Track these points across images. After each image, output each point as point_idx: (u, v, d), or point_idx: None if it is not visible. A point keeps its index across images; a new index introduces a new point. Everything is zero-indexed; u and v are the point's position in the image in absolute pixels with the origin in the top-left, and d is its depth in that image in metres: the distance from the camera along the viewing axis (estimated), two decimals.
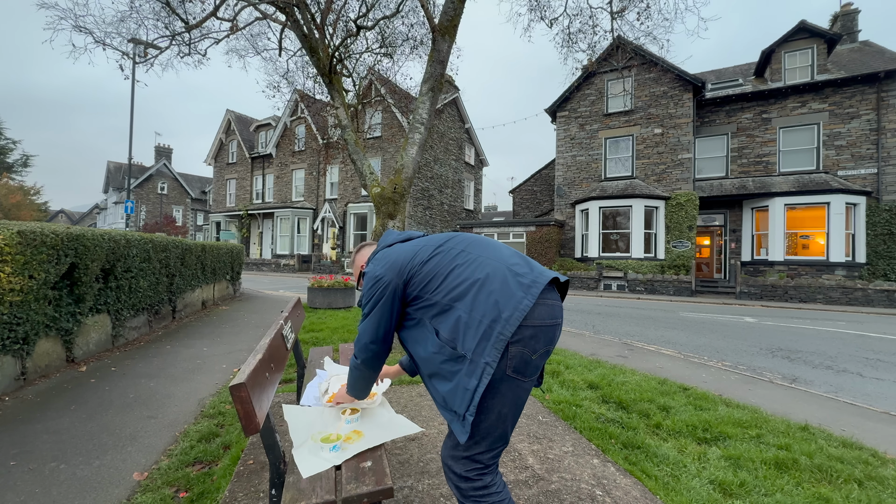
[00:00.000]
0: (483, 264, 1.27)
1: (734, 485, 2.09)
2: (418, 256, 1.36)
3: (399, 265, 1.35)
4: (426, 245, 1.40)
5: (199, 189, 40.66)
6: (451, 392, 1.22)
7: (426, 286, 1.30)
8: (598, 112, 17.11)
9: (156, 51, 7.24)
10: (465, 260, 1.31)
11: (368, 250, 1.73)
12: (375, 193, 4.97)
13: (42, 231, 3.44)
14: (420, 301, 1.32)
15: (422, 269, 1.32)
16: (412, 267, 1.34)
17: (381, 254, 1.44)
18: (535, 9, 6.78)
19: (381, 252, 1.45)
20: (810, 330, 7.47)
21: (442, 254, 1.35)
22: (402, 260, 1.36)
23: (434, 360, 1.27)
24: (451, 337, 1.22)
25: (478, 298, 1.21)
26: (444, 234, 1.48)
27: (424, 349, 1.31)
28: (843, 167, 14.21)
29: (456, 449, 1.24)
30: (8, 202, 28.46)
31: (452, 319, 1.23)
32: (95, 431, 2.65)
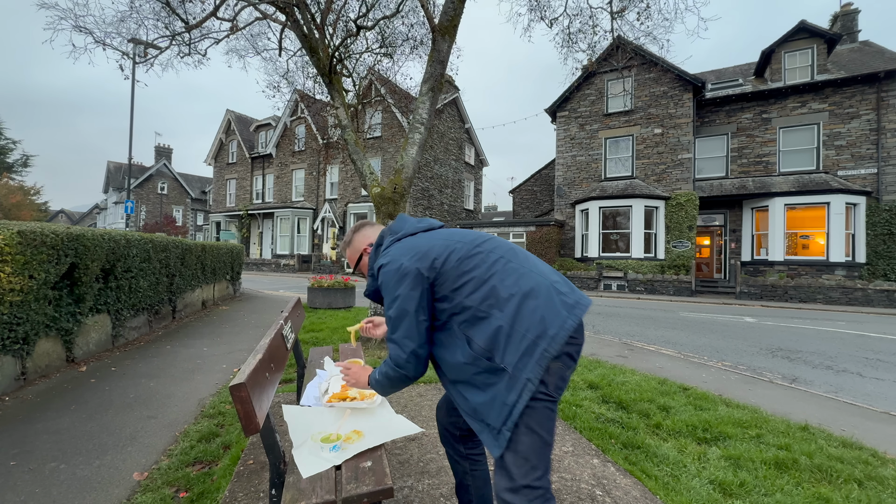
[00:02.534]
0: (526, 276, 1.20)
1: (734, 485, 2.09)
2: (455, 253, 1.23)
3: (431, 258, 1.23)
4: (461, 241, 1.28)
5: (199, 189, 40.65)
6: (485, 404, 1.15)
7: (459, 288, 1.19)
8: (598, 112, 17.11)
9: (156, 51, 7.24)
10: (505, 267, 1.21)
11: (372, 231, 1.56)
12: (375, 193, 4.97)
13: (42, 231, 3.44)
14: (447, 302, 1.21)
15: (458, 268, 1.21)
16: (447, 263, 1.22)
17: (406, 243, 1.29)
18: (535, 9, 6.78)
19: (407, 241, 1.31)
20: (810, 330, 7.47)
21: (481, 255, 1.24)
22: (435, 253, 1.23)
23: (465, 369, 1.19)
24: (489, 347, 1.14)
25: (522, 311, 1.14)
26: (476, 232, 1.36)
27: (452, 356, 1.21)
28: (843, 167, 14.21)
29: (512, 480, 1.12)
30: (8, 202, 28.46)
31: (491, 329, 1.14)
32: (95, 431, 2.65)
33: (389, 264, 1.25)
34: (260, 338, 5.36)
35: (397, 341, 1.23)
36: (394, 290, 1.22)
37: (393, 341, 1.24)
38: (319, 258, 21.87)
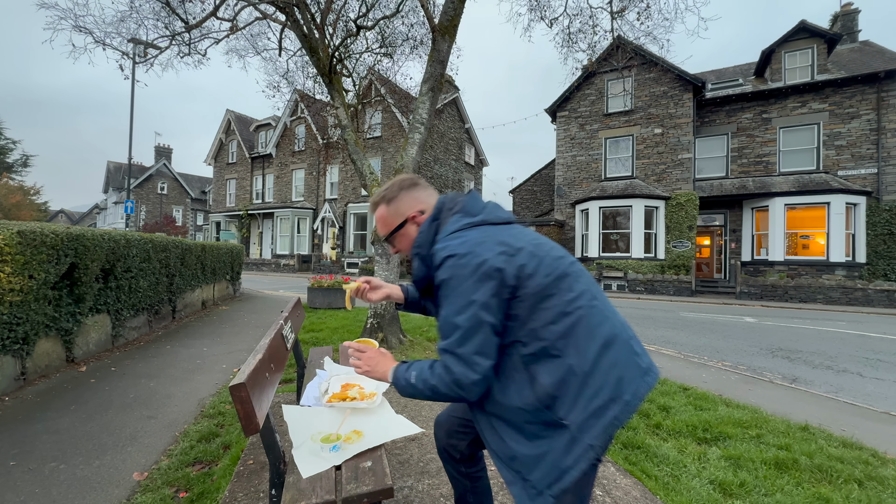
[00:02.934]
0: (609, 321, 1.02)
1: (734, 485, 2.09)
2: (544, 267, 1.00)
3: (518, 263, 0.98)
4: (549, 255, 1.04)
5: (199, 189, 40.66)
6: (531, 459, 0.98)
7: (538, 312, 0.97)
8: (598, 112, 17.11)
9: (156, 51, 7.24)
10: (591, 304, 1.02)
11: (426, 196, 1.23)
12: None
13: (42, 231, 3.44)
14: (517, 323, 0.99)
15: (543, 287, 0.98)
16: (534, 277, 0.98)
17: (489, 232, 1.03)
18: (535, 9, 6.78)
19: (490, 230, 1.04)
20: (810, 330, 7.46)
21: (569, 278, 1.02)
22: (524, 258, 0.99)
23: (518, 413, 0.99)
24: (555, 394, 0.96)
25: (600, 363, 0.97)
26: (558, 246, 1.11)
27: (504, 392, 1.01)
28: (843, 167, 14.21)
29: None
30: (8, 202, 28.47)
31: (560, 372, 0.96)
32: (95, 431, 2.65)
33: (468, 256, 0.97)
34: (260, 338, 5.35)
35: (465, 358, 0.96)
36: (470, 292, 0.96)
37: (458, 357, 0.96)
38: (319, 258, 21.87)
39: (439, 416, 1.45)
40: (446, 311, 0.99)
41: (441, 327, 1.02)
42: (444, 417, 1.43)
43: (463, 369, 0.97)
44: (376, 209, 1.26)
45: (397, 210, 1.22)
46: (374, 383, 1.91)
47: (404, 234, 1.23)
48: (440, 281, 1.02)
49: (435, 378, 1.01)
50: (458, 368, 0.97)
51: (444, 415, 1.44)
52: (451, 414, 1.41)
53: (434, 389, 1.02)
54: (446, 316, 0.99)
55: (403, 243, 1.25)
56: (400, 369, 1.13)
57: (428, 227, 1.16)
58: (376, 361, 1.21)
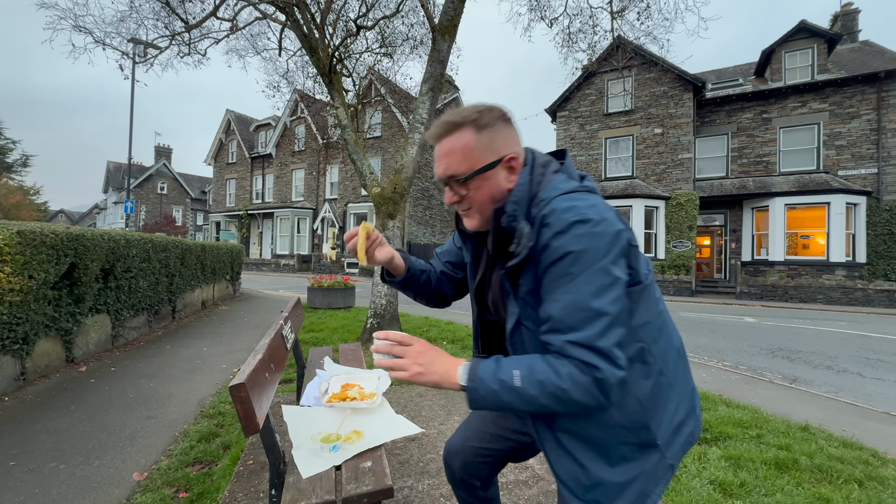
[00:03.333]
0: (674, 329, 0.92)
1: (734, 485, 2.09)
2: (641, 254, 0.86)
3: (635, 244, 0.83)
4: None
5: (199, 189, 40.67)
6: (618, 486, 0.82)
7: (639, 303, 0.85)
8: (598, 112, 17.11)
9: (155, 51, 7.24)
10: (665, 307, 0.91)
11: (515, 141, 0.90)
12: (375, 193, 4.97)
13: (42, 231, 3.44)
14: None
15: (644, 273, 0.85)
16: (639, 259, 0.84)
17: (602, 202, 0.81)
18: (535, 9, 6.78)
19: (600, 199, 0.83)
20: (811, 330, 7.46)
21: (653, 273, 0.90)
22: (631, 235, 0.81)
23: (615, 432, 0.83)
24: (649, 408, 0.83)
25: (678, 372, 0.88)
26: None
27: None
28: (843, 167, 14.21)
29: None
30: (8, 202, 28.49)
31: (653, 382, 0.83)
32: (95, 431, 2.64)
33: (604, 224, 0.76)
34: (260, 338, 5.36)
35: (609, 352, 0.74)
36: (612, 269, 0.76)
37: (601, 352, 0.73)
38: (319, 258, 21.87)
39: (451, 446, 1.23)
40: (578, 293, 0.74)
41: (566, 315, 0.75)
42: (457, 446, 1.21)
43: (609, 366, 0.73)
44: (452, 133, 0.86)
45: (491, 143, 0.86)
46: (374, 383, 1.91)
47: (489, 182, 0.87)
48: (563, 253, 0.75)
49: (564, 379, 0.74)
50: (604, 365, 0.73)
51: (457, 443, 1.22)
52: (467, 443, 1.19)
53: (559, 395, 0.74)
54: (579, 299, 0.74)
55: (481, 195, 0.87)
56: (483, 368, 0.78)
57: (528, 180, 0.86)
58: (430, 358, 0.82)
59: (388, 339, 0.85)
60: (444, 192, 0.94)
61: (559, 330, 0.76)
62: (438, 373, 0.81)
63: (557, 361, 0.76)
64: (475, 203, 0.89)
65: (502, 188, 0.88)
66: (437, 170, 0.90)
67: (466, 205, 0.90)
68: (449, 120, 0.87)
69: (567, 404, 0.76)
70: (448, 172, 0.88)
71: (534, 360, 0.78)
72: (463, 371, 0.80)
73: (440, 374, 0.81)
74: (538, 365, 0.77)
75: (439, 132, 0.88)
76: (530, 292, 0.83)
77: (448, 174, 0.88)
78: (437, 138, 0.89)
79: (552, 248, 0.77)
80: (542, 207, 0.81)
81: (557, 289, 0.77)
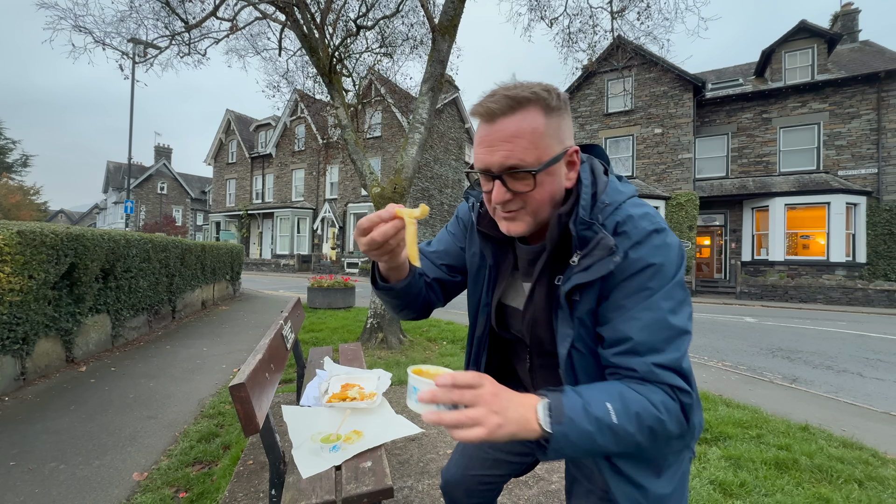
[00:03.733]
0: None
1: (734, 485, 2.09)
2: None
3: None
4: None
5: (199, 189, 40.67)
6: (669, 496, 0.77)
7: None
8: (598, 112, 17.11)
9: (155, 51, 7.24)
10: None
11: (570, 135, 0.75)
12: (375, 193, 4.97)
13: (42, 231, 3.44)
14: None
15: None
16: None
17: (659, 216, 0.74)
18: (535, 8, 6.78)
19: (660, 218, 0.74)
20: (811, 330, 7.46)
21: None
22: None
23: (666, 449, 0.77)
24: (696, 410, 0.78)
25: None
26: None
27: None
28: (843, 167, 14.21)
29: None
30: (7, 202, 28.50)
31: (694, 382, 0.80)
32: (95, 431, 2.64)
33: (671, 235, 0.71)
34: (260, 338, 5.36)
35: (689, 374, 0.68)
36: (683, 284, 0.70)
37: (684, 374, 0.67)
38: (319, 258, 21.87)
39: (450, 476, 1.12)
40: (659, 311, 0.67)
41: (648, 335, 0.67)
42: (457, 476, 1.11)
43: (692, 389, 0.67)
44: (517, 111, 0.67)
45: (559, 131, 0.71)
46: (373, 383, 1.91)
47: (552, 178, 0.72)
48: (643, 266, 0.68)
49: (660, 409, 0.64)
50: (690, 388, 0.67)
51: (455, 473, 1.11)
52: (468, 472, 1.10)
53: (656, 429, 0.64)
54: (661, 317, 0.67)
55: (542, 193, 0.71)
56: (570, 405, 0.61)
57: (591, 181, 0.76)
58: (506, 401, 0.60)
59: (454, 383, 0.59)
60: (491, 185, 0.72)
61: (639, 352, 0.67)
62: (516, 419, 0.59)
63: (645, 388, 0.65)
64: (531, 203, 0.72)
65: (562, 187, 0.75)
66: (488, 157, 0.69)
67: (518, 204, 0.72)
68: (513, 94, 0.67)
69: (661, 438, 0.66)
70: (510, 162, 0.68)
71: (616, 388, 0.66)
72: (543, 411, 0.60)
73: (517, 420, 0.59)
74: (628, 394, 0.64)
75: (499, 107, 0.67)
76: (590, 311, 0.73)
77: (509, 164, 0.68)
78: (492, 116, 0.68)
79: (630, 261, 0.68)
80: (611, 213, 0.72)
81: (635, 305, 0.68)
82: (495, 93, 0.69)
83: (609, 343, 0.71)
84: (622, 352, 0.68)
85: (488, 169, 0.70)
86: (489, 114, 0.68)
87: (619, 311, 0.69)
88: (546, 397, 0.62)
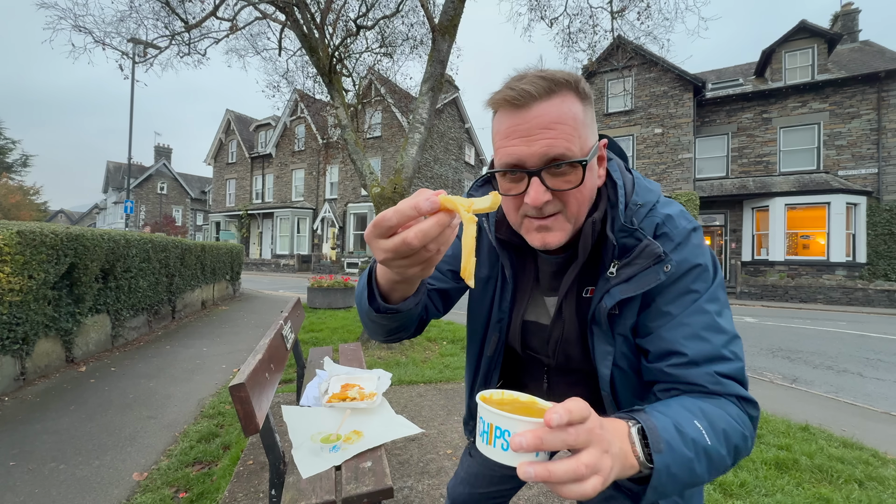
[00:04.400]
0: None
1: (734, 485, 2.09)
2: None
3: None
4: None
5: (199, 189, 40.67)
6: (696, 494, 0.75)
7: None
8: (598, 112, 17.09)
9: (155, 50, 7.24)
10: None
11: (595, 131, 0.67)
12: (375, 193, 4.97)
13: (41, 231, 3.44)
14: None
15: None
16: None
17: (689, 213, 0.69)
18: (535, 8, 6.78)
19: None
20: (811, 330, 7.46)
21: None
22: None
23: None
24: None
25: None
26: None
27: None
28: (843, 167, 14.21)
29: None
30: (7, 202, 28.50)
31: None
32: (95, 432, 2.64)
33: (706, 250, 0.66)
34: (260, 338, 5.36)
35: (748, 382, 0.61)
36: (723, 286, 0.65)
37: (745, 382, 0.60)
38: (319, 258, 21.87)
39: (456, 494, 1.06)
40: (707, 315, 0.61)
41: (705, 341, 0.60)
42: (464, 495, 1.05)
43: (756, 404, 0.60)
44: (555, 95, 0.58)
45: (592, 122, 0.64)
46: (374, 383, 1.91)
47: (592, 174, 0.64)
48: (688, 267, 0.62)
49: (744, 425, 0.57)
50: (757, 402, 0.60)
51: (462, 492, 1.06)
52: (476, 490, 1.04)
53: (739, 447, 0.56)
54: (712, 322, 0.60)
55: (583, 192, 0.62)
56: (664, 427, 0.50)
57: (624, 178, 0.69)
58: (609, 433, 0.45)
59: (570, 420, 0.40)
60: (522, 185, 0.60)
61: (697, 362, 0.59)
62: (619, 456, 0.45)
63: (718, 402, 0.57)
64: (573, 205, 0.62)
65: (593, 185, 0.65)
66: (524, 149, 0.58)
67: (556, 207, 0.61)
68: (549, 76, 0.58)
69: (741, 457, 0.57)
70: (554, 151, 0.57)
71: (693, 403, 0.56)
72: (638, 439, 0.49)
73: (619, 456, 0.45)
74: (709, 409, 0.55)
75: (536, 89, 0.57)
76: (632, 326, 0.66)
77: (554, 154, 0.57)
78: (528, 100, 0.57)
79: (673, 266, 0.62)
80: (647, 215, 0.66)
81: (682, 311, 0.61)
82: (524, 75, 0.59)
83: (658, 355, 0.62)
84: (678, 364, 0.60)
85: (523, 164, 0.59)
86: (525, 96, 0.57)
87: (665, 318, 0.62)
88: (636, 420, 0.50)
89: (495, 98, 0.60)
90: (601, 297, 0.66)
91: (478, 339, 0.87)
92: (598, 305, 0.66)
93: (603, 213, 0.66)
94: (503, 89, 0.59)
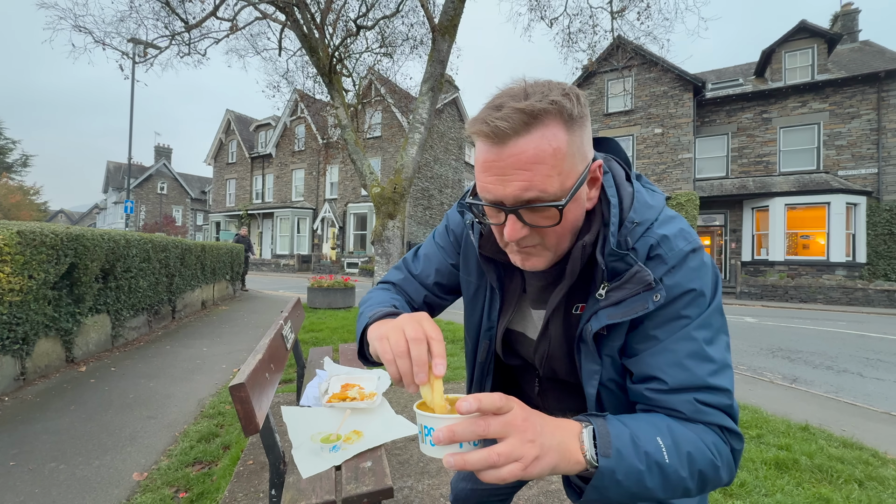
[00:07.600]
0: None
1: (734, 485, 2.08)
2: None
3: None
4: None
5: (199, 189, 40.68)
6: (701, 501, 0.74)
7: None
8: (598, 112, 17.10)
9: (155, 50, 7.25)
10: None
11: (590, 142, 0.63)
12: (375, 193, 4.97)
13: (42, 231, 3.44)
14: None
15: None
16: None
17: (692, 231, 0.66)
18: (535, 8, 6.78)
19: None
20: (811, 330, 7.46)
21: None
22: None
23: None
24: None
25: None
26: None
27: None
28: (843, 167, 14.21)
29: None
30: (7, 202, 28.51)
31: None
32: (95, 432, 2.64)
33: (706, 255, 0.63)
34: (260, 338, 5.35)
35: (737, 415, 0.60)
36: (720, 310, 0.63)
37: (734, 416, 0.59)
38: (319, 258, 21.87)
39: (459, 492, 1.08)
40: (696, 342, 0.59)
41: (688, 368, 0.58)
42: (466, 491, 1.06)
43: (741, 437, 0.60)
44: (533, 128, 0.53)
45: (582, 146, 0.58)
46: (374, 383, 1.90)
47: (577, 204, 0.60)
48: (681, 292, 0.60)
49: (714, 451, 0.56)
50: (741, 435, 0.60)
51: (464, 488, 1.06)
52: (478, 486, 1.04)
53: (707, 475, 0.55)
54: (699, 348, 0.59)
55: (564, 224, 0.59)
56: (618, 435, 0.52)
57: (619, 197, 0.65)
58: (538, 426, 0.49)
59: (480, 408, 0.45)
60: (502, 218, 0.59)
61: (676, 390, 0.58)
62: (555, 448, 0.48)
63: (696, 428, 0.57)
64: (551, 237, 0.60)
65: (584, 210, 0.63)
66: (499, 189, 0.56)
67: (535, 240, 0.60)
68: (526, 107, 0.52)
69: (709, 486, 0.57)
70: (528, 195, 0.55)
71: (664, 421, 0.57)
72: (589, 440, 0.51)
73: (556, 448, 0.48)
74: (678, 430, 0.55)
75: (510, 125, 0.52)
76: (619, 347, 0.65)
77: (528, 197, 0.55)
78: (502, 137, 0.53)
79: (662, 293, 0.59)
80: (642, 235, 0.62)
81: (668, 336, 0.60)
82: (502, 104, 0.53)
83: (639, 378, 0.62)
84: (658, 390, 0.59)
85: (500, 201, 0.57)
86: (498, 134, 0.53)
87: (651, 342, 0.61)
88: (589, 423, 0.53)
89: (471, 129, 0.57)
90: (588, 318, 0.64)
91: (471, 345, 0.87)
92: (585, 326, 0.65)
93: (595, 235, 0.64)
94: (479, 119, 0.55)
